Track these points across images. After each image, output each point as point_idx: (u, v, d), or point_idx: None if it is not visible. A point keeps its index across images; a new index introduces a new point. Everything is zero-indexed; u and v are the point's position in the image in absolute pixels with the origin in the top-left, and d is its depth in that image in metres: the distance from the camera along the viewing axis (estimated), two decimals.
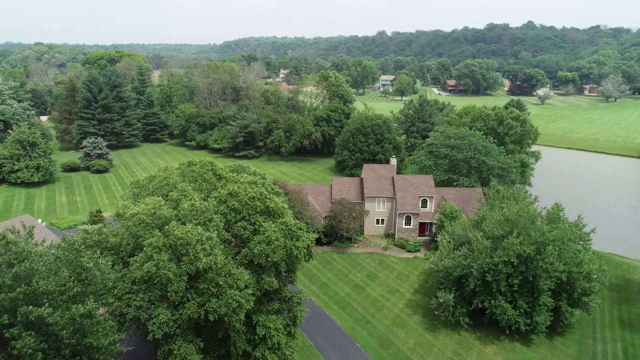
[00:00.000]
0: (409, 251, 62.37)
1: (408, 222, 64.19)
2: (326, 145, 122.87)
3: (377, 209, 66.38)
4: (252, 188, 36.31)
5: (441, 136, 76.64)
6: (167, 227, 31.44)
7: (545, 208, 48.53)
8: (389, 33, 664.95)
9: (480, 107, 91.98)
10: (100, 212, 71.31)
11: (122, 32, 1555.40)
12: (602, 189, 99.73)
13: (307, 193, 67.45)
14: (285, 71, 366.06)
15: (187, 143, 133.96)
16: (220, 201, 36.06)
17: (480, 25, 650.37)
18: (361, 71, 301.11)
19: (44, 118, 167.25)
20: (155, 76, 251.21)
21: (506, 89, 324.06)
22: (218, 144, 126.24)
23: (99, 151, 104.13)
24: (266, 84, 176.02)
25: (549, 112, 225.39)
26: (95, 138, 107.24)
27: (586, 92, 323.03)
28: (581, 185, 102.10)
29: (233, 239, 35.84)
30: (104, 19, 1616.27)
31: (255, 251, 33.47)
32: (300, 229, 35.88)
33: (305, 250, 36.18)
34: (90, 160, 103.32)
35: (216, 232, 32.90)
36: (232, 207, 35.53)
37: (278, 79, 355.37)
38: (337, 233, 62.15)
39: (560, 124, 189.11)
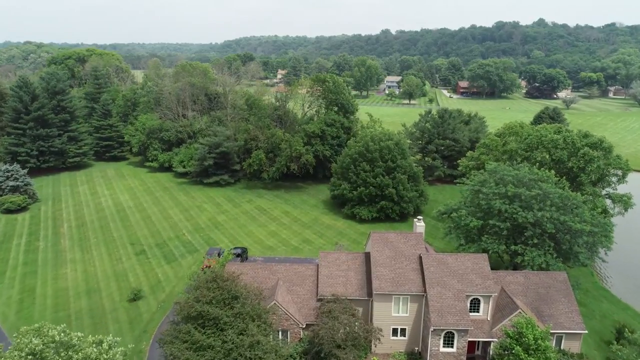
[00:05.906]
0: None
1: (449, 342, 37.04)
2: (321, 167, 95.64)
3: (394, 313, 39.24)
4: None
5: (491, 178, 49.20)
6: None
7: None
8: (393, 32, 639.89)
9: (539, 127, 64.37)
10: None
11: (122, 32, 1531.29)
12: None
13: (277, 281, 40.52)
14: (284, 71, 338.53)
15: (148, 164, 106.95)
16: None
17: (489, 23, 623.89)
18: (365, 72, 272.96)
19: None
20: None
21: (524, 91, 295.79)
22: (184, 166, 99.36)
23: (12, 182, 77.33)
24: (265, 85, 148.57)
25: (579, 119, 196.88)
26: (11, 164, 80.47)
27: (611, 95, 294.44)
28: None
29: None
30: (105, 18, 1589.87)
31: None
32: None
33: None
34: (0, 195, 76.70)
35: None
36: None
37: (275, 80, 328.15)
38: None
39: (597, 134, 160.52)
